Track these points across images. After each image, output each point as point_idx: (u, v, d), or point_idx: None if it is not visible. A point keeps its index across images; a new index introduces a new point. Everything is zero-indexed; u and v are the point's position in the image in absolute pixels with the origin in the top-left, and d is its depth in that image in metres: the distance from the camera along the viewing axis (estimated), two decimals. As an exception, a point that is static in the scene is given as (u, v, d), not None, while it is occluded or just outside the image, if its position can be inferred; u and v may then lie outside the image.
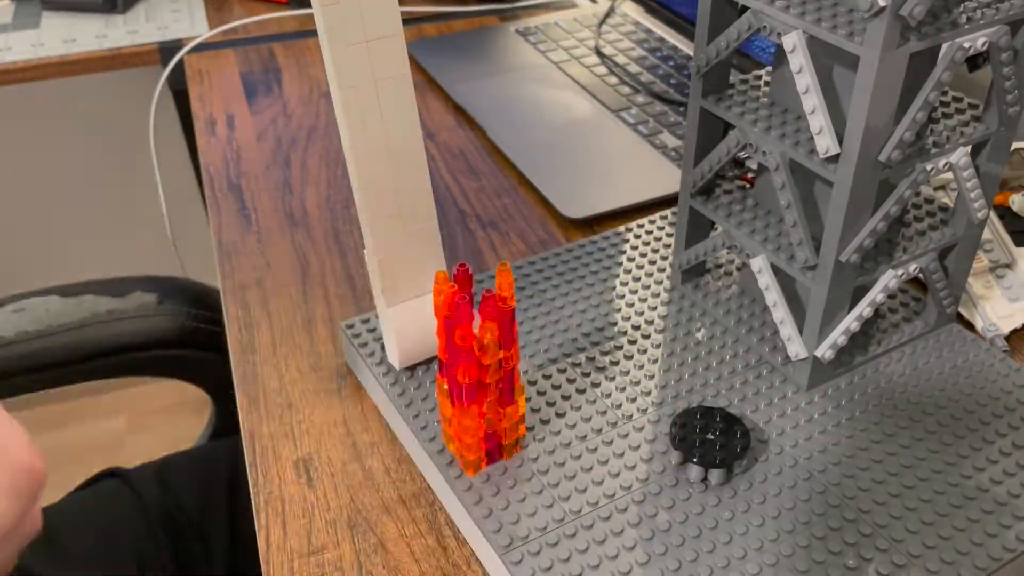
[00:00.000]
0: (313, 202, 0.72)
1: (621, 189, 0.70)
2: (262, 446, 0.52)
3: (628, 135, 0.78)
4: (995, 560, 0.42)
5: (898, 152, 0.43)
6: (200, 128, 0.84)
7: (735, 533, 0.43)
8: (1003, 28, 0.43)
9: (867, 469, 0.46)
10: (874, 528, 0.44)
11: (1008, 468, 0.46)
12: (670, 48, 0.92)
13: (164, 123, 1.07)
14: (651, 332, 0.55)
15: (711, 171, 0.53)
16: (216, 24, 1.04)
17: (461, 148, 0.79)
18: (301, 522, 0.47)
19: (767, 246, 0.50)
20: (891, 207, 0.45)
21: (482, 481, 0.46)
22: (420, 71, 0.91)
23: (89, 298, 0.76)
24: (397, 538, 0.46)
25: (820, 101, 0.43)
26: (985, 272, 0.59)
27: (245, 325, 0.60)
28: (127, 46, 1.02)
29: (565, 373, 0.52)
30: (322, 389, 0.55)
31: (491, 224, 0.69)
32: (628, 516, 0.44)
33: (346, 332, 0.55)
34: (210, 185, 0.75)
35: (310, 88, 0.90)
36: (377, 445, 0.51)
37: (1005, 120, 0.47)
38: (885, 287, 0.49)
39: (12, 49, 1.01)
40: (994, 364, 0.52)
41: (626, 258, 0.61)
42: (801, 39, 0.43)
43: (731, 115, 0.50)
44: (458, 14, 1.04)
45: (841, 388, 0.51)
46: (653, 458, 0.47)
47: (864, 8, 0.39)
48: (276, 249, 0.67)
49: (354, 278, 0.64)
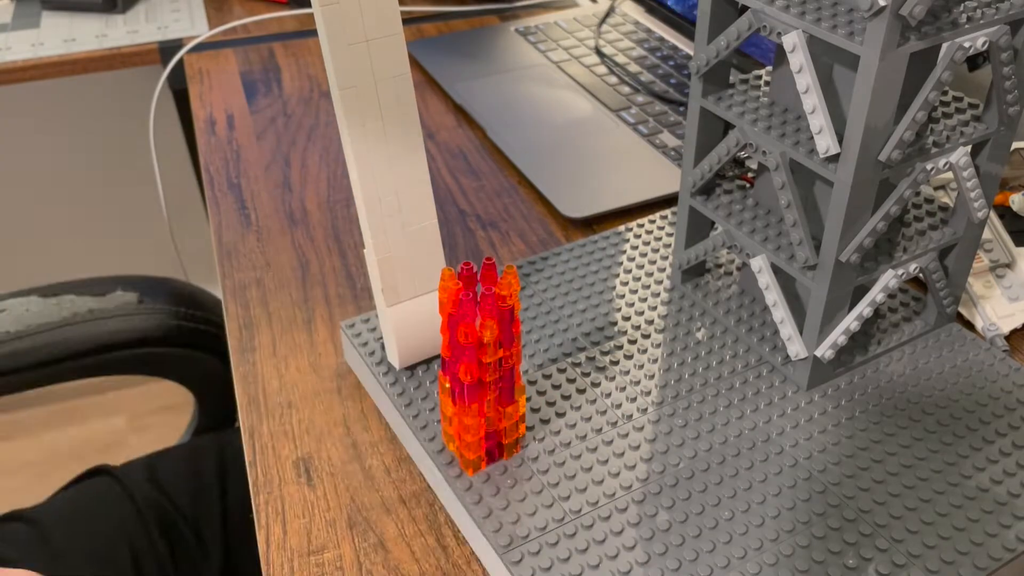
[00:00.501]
0: (313, 202, 0.72)
1: (621, 189, 0.70)
2: (262, 445, 0.52)
3: (628, 135, 0.78)
4: (995, 560, 0.42)
5: (898, 152, 0.43)
6: (200, 128, 0.84)
7: (735, 533, 0.43)
8: (1003, 28, 0.43)
9: (867, 469, 0.46)
10: (874, 528, 0.44)
11: (1008, 468, 0.46)
12: (670, 48, 0.92)
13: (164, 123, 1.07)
14: (651, 332, 0.55)
15: (711, 171, 0.53)
16: (216, 24, 1.04)
17: (461, 148, 0.79)
18: (301, 521, 0.47)
19: (767, 246, 0.50)
20: (891, 207, 0.45)
21: (482, 481, 0.46)
22: (420, 71, 0.91)
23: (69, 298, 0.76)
24: (397, 538, 0.46)
25: (820, 101, 0.43)
26: (985, 272, 0.59)
27: (245, 324, 0.60)
28: (127, 46, 1.02)
29: (565, 373, 0.52)
30: (322, 388, 0.55)
31: (491, 224, 0.69)
32: (628, 516, 0.44)
33: (346, 331, 0.55)
34: (210, 185, 0.75)
35: (310, 88, 0.90)
36: (377, 445, 0.51)
37: (1005, 120, 0.47)
38: (885, 287, 0.49)
39: (12, 49, 1.01)
40: (994, 364, 0.52)
41: (626, 258, 0.61)
42: (801, 39, 0.43)
43: (731, 115, 0.50)
44: (458, 14, 1.04)
45: (841, 388, 0.51)
46: (653, 458, 0.47)
47: (864, 8, 0.39)
48: (276, 248, 0.67)
49: (354, 277, 0.64)
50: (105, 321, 0.76)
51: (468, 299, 0.41)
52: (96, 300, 0.76)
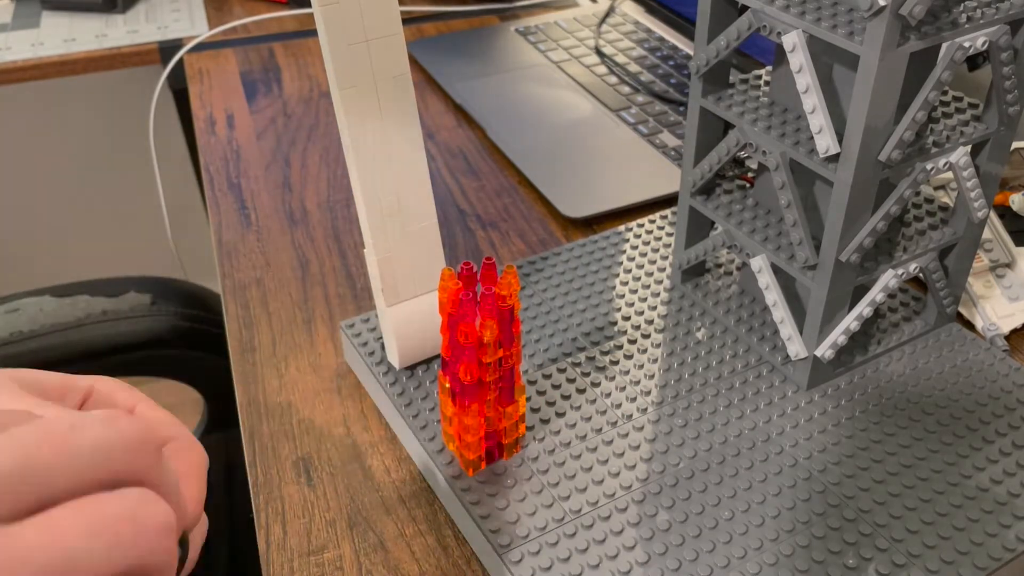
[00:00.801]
0: (313, 201, 0.72)
1: (621, 189, 0.70)
2: (262, 445, 0.52)
3: (628, 135, 0.78)
4: (995, 560, 0.42)
5: (898, 152, 0.43)
6: (200, 127, 0.84)
7: (735, 532, 0.43)
8: (1003, 27, 0.43)
9: (867, 469, 0.46)
10: (874, 528, 0.43)
11: (1008, 467, 0.46)
12: (670, 48, 0.92)
13: (164, 123, 1.07)
14: (651, 332, 0.55)
15: (711, 170, 0.53)
16: (216, 24, 1.04)
17: (461, 147, 0.79)
18: (301, 521, 0.47)
19: (767, 245, 0.50)
20: (891, 207, 0.45)
21: (482, 481, 0.46)
22: (420, 70, 0.91)
23: (83, 298, 0.76)
24: (397, 537, 0.46)
25: (820, 100, 0.43)
26: (985, 271, 0.59)
27: (245, 324, 0.60)
28: (127, 45, 1.02)
29: (565, 373, 0.52)
30: (322, 388, 0.55)
31: (491, 224, 0.69)
32: (628, 515, 0.44)
33: (346, 331, 0.55)
34: (210, 184, 0.75)
35: (310, 87, 0.90)
36: (377, 445, 0.51)
37: (1005, 119, 0.47)
38: (885, 287, 0.49)
39: (12, 48, 1.01)
40: (994, 364, 0.52)
41: (626, 258, 0.61)
42: (801, 38, 0.43)
43: (731, 115, 0.50)
44: (458, 13, 1.04)
45: (841, 388, 0.51)
46: (653, 457, 0.47)
47: (864, 8, 0.39)
48: (276, 248, 0.67)
49: (354, 277, 0.64)
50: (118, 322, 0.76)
51: (468, 299, 0.41)
52: (110, 301, 0.77)
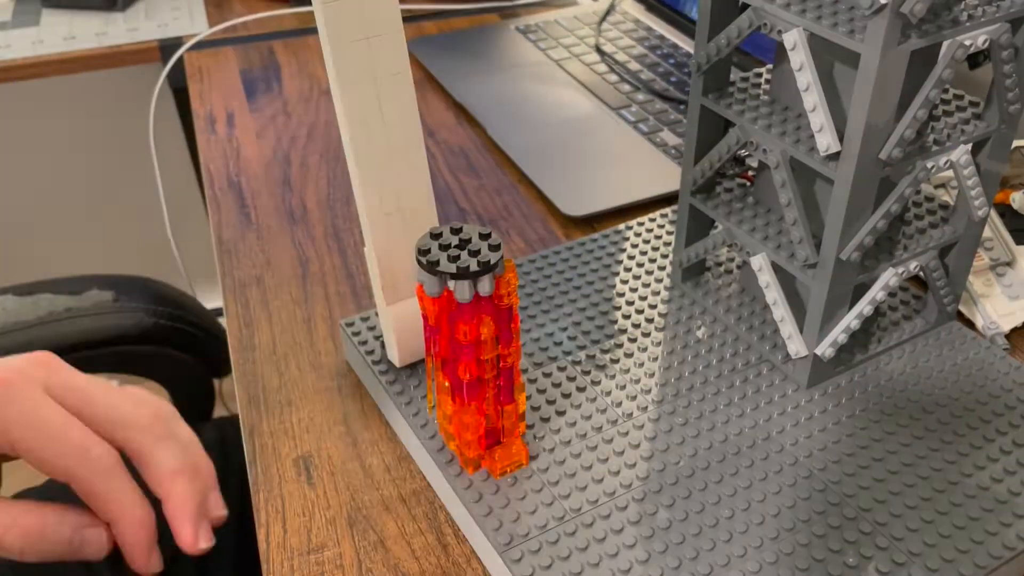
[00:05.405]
0: (313, 200, 0.72)
1: (621, 187, 0.70)
2: (261, 444, 0.52)
3: (628, 133, 0.77)
4: (995, 558, 0.42)
5: (899, 150, 0.43)
6: (200, 126, 0.84)
7: (735, 531, 0.43)
8: (1004, 26, 0.43)
9: (867, 467, 0.46)
10: (874, 526, 0.43)
11: (1008, 466, 0.46)
12: (670, 46, 0.92)
13: (164, 121, 1.07)
14: (651, 330, 0.55)
15: (711, 169, 0.53)
16: (216, 22, 1.04)
17: (461, 146, 0.79)
18: (301, 520, 0.47)
19: (767, 244, 0.50)
20: (892, 205, 0.45)
21: (482, 479, 0.46)
22: (420, 69, 0.91)
23: (46, 296, 0.76)
24: (397, 536, 0.46)
25: (821, 99, 0.43)
26: (985, 270, 0.59)
27: (245, 323, 0.60)
28: (127, 43, 1.02)
29: (565, 371, 0.52)
30: (322, 387, 0.55)
31: (491, 222, 0.69)
32: (628, 514, 0.44)
33: (346, 330, 0.55)
34: (210, 183, 0.75)
35: (310, 86, 0.89)
36: (377, 443, 0.51)
37: (1006, 118, 0.47)
38: (885, 285, 0.49)
39: (12, 47, 1.01)
40: (994, 362, 0.52)
41: (626, 256, 0.61)
42: (802, 36, 0.43)
43: (731, 113, 0.50)
44: (458, 11, 1.04)
45: (841, 386, 0.51)
46: (653, 455, 0.47)
47: (865, 6, 0.39)
48: (276, 247, 0.67)
49: (354, 276, 0.64)
50: (81, 319, 0.76)
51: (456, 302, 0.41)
52: (72, 299, 0.76)
